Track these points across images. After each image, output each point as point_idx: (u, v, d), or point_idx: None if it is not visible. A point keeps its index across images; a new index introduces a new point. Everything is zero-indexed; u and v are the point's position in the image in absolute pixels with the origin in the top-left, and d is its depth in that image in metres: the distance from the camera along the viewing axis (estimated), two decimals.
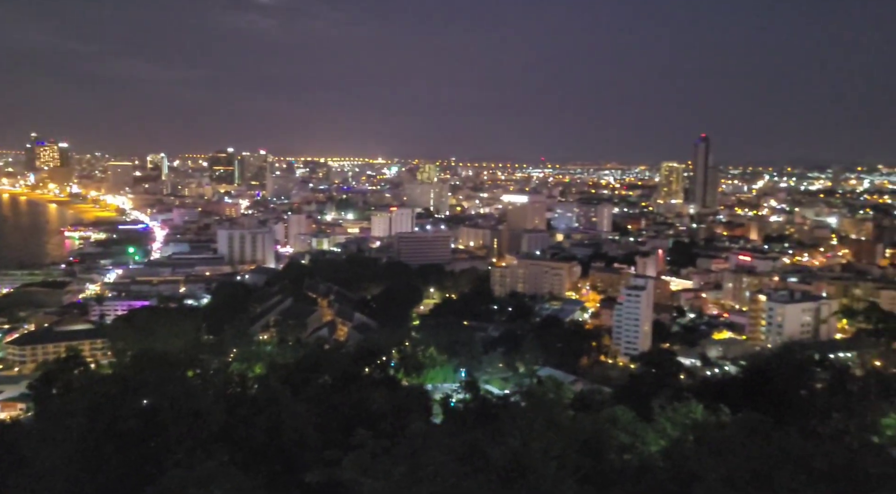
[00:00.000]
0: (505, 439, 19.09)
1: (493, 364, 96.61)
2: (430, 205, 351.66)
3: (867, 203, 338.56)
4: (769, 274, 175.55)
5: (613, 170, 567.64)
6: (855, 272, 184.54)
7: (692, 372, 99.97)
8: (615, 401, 41.16)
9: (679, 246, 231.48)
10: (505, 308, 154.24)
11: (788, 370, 50.04)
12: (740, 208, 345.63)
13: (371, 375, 45.70)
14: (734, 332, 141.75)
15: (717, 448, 16.49)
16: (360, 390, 35.53)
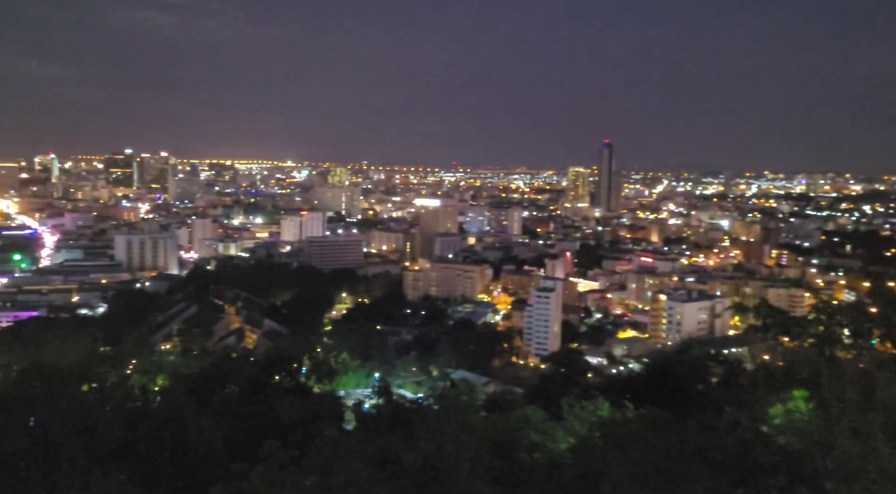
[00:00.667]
0: (418, 443, 19.03)
1: (406, 368, 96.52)
2: (341, 208, 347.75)
3: (755, 207, 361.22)
4: (669, 274, 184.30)
5: (523, 174, 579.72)
6: (745, 271, 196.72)
7: (599, 370, 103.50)
8: (526, 401, 41.90)
9: (586, 248, 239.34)
10: (418, 311, 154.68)
11: (687, 366, 52.55)
12: (642, 211, 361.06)
13: (281, 383, 44.48)
14: (638, 331, 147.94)
15: (622, 444, 17.06)
16: (270, 399, 34.52)
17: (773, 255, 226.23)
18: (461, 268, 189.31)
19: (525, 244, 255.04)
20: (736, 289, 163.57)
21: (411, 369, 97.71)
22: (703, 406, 28.61)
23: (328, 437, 21.28)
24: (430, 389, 49.03)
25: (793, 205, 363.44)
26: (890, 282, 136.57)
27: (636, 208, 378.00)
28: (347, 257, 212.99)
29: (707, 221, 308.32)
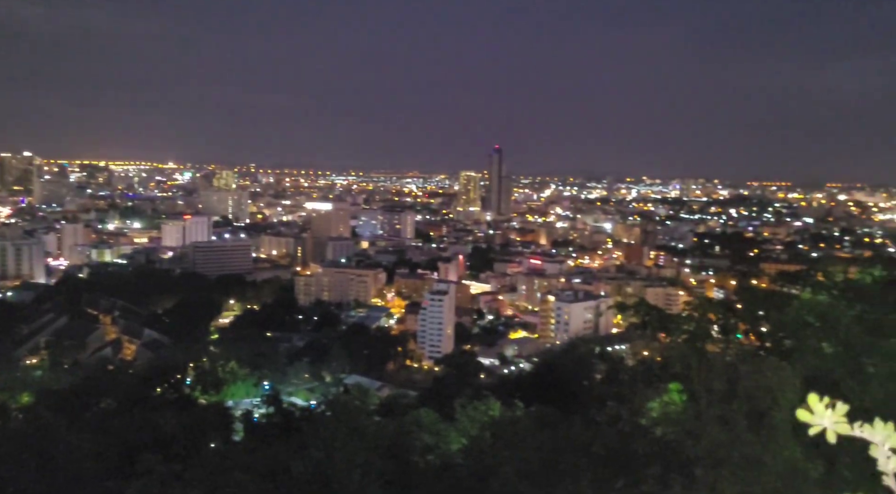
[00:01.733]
0: (308, 451, 18.60)
1: (298, 375, 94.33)
2: (228, 212, 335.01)
3: (635, 210, 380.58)
4: (557, 276, 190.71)
5: (416, 178, 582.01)
6: (627, 272, 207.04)
7: (492, 370, 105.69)
8: (420, 404, 42.03)
9: (478, 251, 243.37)
10: (310, 317, 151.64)
11: (573, 364, 54.74)
12: (531, 215, 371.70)
13: (163, 395, 42.33)
14: (528, 331, 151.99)
15: (511, 442, 17.47)
16: (150, 412, 32.68)
17: (652, 256, 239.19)
18: (354, 273, 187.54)
19: (418, 247, 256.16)
20: (618, 289, 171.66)
21: (303, 376, 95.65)
22: (588, 401, 29.85)
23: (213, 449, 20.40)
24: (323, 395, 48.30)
25: (668, 208, 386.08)
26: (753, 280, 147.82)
27: (525, 212, 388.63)
28: (235, 262, 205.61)
29: (591, 224, 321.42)
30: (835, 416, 0.91)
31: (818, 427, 0.98)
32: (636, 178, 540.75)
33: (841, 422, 0.89)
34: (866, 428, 0.89)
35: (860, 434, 0.91)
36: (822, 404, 0.92)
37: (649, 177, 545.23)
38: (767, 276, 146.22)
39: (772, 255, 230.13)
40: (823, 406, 0.91)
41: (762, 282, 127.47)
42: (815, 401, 0.93)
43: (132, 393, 38.12)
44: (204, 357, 67.98)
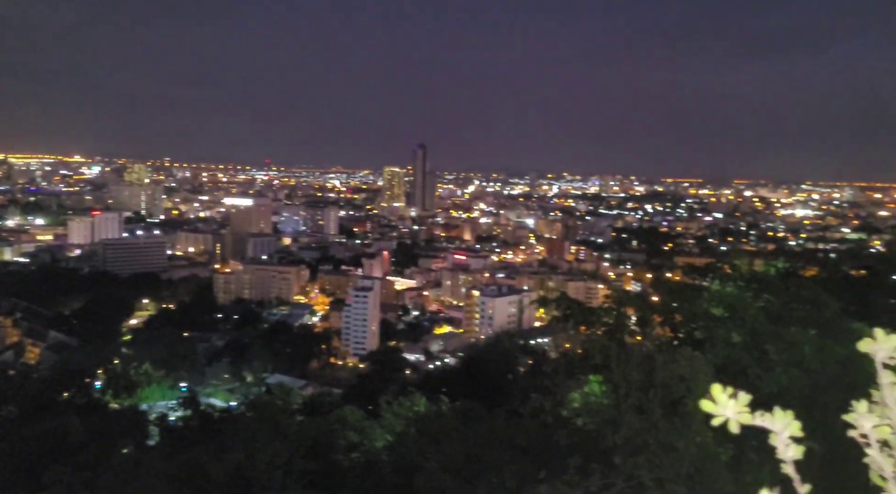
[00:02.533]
0: (227, 454, 18.04)
1: (218, 375, 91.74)
2: (141, 208, 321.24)
3: (556, 206, 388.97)
4: (481, 271, 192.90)
5: (339, 173, 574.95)
6: (549, 266, 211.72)
7: (417, 366, 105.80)
8: (345, 402, 41.63)
9: (402, 247, 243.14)
10: (230, 316, 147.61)
11: (498, 358, 55.43)
12: (455, 211, 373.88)
13: (71, 400, 40.16)
14: (453, 326, 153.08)
15: (436, 437, 17.48)
16: (57, 418, 30.94)
17: (573, 251, 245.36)
18: (276, 270, 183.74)
19: (342, 244, 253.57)
20: (541, 283, 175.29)
21: (223, 376, 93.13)
22: (512, 394, 30.28)
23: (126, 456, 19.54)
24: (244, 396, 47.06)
25: (588, 204, 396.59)
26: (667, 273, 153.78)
27: (450, 207, 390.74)
28: (149, 260, 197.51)
29: (515, 220, 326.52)
30: (737, 406, 1.15)
31: (722, 417, 1.00)
32: (557, 175, 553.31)
33: (743, 412, 0.91)
34: (767, 417, 0.90)
35: (761, 424, 0.92)
36: (725, 394, 0.92)
37: (570, 173, 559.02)
38: (680, 269, 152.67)
39: (685, 249, 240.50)
40: (727, 396, 0.92)
41: (676, 275, 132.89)
42: (718, 392, 1.15)
43: (36, 399, 36.01)
44: (115, 359, 64.98)
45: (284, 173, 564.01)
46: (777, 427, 0.92)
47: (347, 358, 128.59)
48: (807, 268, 43.41)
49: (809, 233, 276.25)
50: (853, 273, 38.50)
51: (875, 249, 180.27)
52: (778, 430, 0.94)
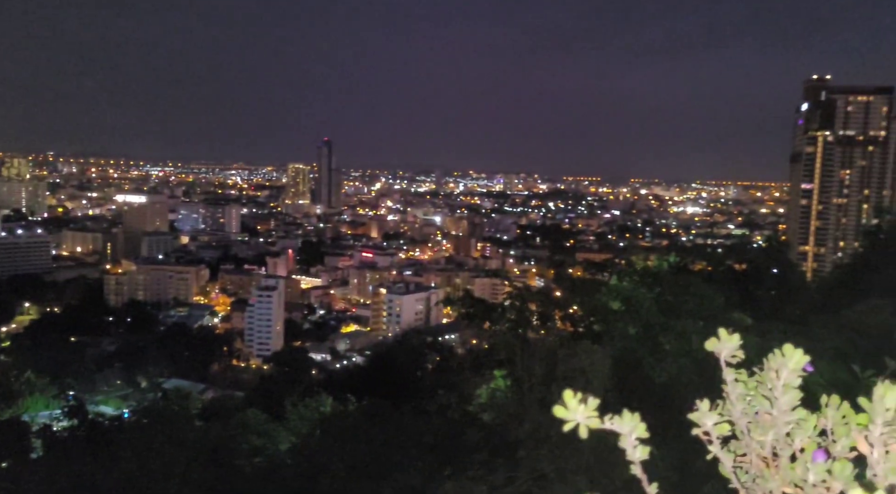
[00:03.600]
0: (119, 464, 17.07)
1: (109, 382, 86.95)
2: (21, 205, 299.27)
3: (463, 203, 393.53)
4: (388, 268, 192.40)
5: (240, 170, 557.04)
6: (456, 263, 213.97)
7: (323, 366, 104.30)
8: (247, 405, 40.40)
9: (308, 245, 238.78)
10: (123, 319, 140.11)
11: (406, 355, 55.50)
12: (362, 208, 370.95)
13: None
14: (360, 324, 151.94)
15: (342, 437, 17.24)
16: None
17: (479, 248, 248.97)
18: (173, 270, 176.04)
19: (245, 242, 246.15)
20: (448, 280, 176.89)
21: (115, 382, 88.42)
22: (419, 392, 30.37)
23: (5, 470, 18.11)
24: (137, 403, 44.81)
25: (493, 202, 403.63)
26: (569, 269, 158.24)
27: (356, 205, 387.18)
28: (31, 261, 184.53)
29: (421, 217, 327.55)
30: (587, 411, 0.93)
31: (572, 423, 0.99)
32: (463, 172, 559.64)
33: (592, 417, 0.89)
34: (616, 420, 0.89)
35: (610, 427, 0.92)
36: (575, 399, 0.91)
37: (475, 171, 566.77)
38: (581, 265, 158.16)
39: (585, 245, 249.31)
40: (577, 401, 0.90)
41: (577, 271, 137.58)
42: (569, 397, 0.93)
43: None
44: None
45: (182, 169, 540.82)
46: (625, 429, 0.93)
47: (251, 359, 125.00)
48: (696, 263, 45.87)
49: (699, 229, 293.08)
50: (737, 266, 40.90)
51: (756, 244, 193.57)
52: (626, 432, 0.95)
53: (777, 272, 39.45)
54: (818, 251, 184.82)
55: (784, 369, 1.07)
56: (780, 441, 1.03)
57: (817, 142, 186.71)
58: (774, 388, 1.06)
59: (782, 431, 1.04)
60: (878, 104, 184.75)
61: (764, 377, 1.11)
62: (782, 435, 1.05)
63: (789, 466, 1.07)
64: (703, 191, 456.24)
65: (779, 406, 1.05)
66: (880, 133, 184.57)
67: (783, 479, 1.07)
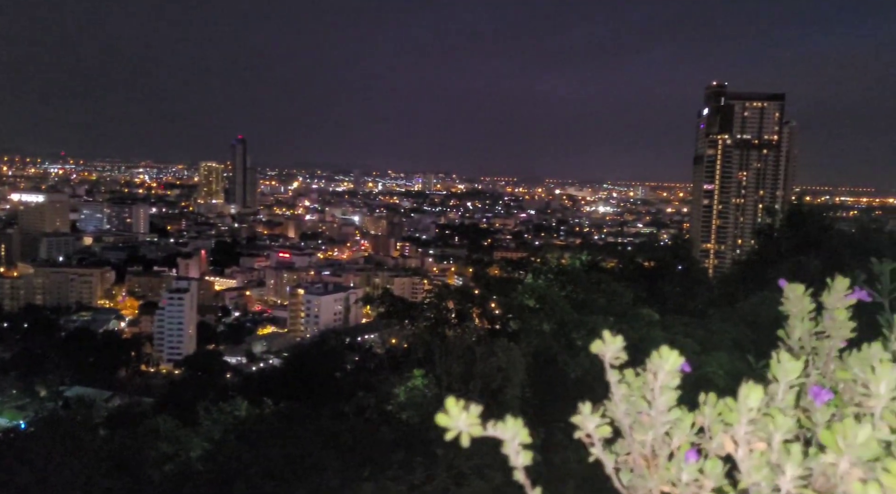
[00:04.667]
0: (14, 478, 16.08)
1: (4, 391, 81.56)
2: None
3: (382, 203, 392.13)
4: (306, 269, 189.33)
5: (148, 168, 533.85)
6: (375, 263, 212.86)
7: (239, 369, 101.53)
8: (157, 411, 38.89)
9: (222, 245, 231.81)
10: (19, 324, 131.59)
11: (324, 356, 54.73)
12: (279, 208, 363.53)
13: None
14: (277, 326, 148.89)
15: (257, 441, 16.88)
16: None
17: (398, 247, 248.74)
18: (75, 272, 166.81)
19: (154, 243, 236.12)
20: (367, 280, 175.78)
21: (10, 392, 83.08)
22: (338, 393, 30.07)
23: None
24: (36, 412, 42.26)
25: (412, 201, 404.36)
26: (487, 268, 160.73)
27: (273, 204, 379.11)
28: None
29: (340, 217, 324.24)
30: (469, 418, 0.91)
31: (454, 432, 0.97)
32: (382, 172, 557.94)
33: (475, 424, 0.87)
34: (499, 426, 0.88)
35: (493, 434, 0.90)
36: (457, 406, 0.89)
37: (394, 171, 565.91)
38: (498, 264, 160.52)
39: (503, 244, 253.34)
40: (459, 408, 0.89)
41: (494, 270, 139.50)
42: (451, 404, 0.91)
43: None
44: None
45: (84, 166, 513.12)
46: (508, 435, 0.92)
47: (161, 364, 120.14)
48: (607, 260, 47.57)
49: (610, 227, 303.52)
50: (645, 264, 42.69)
51: (663, 242, 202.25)
52: (508, 438, 0.94)
53: (682, 268, 41.45)
54: (719, 248, 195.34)
55: (661, 370, 1.09)
56: (659, 440, 1.06)
57: (717, 145, 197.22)
58: (653, 389, 1.09)
59: (660, 431, 1.07)
60: (772, 110, 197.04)
61: (643, 378, 1.14)
62: (661, 435, 1.08)
63: (666, 465, 1.10)
64: (613, 192, 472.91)
65: (656, 406, 1.08)
66: (773, 137, 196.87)
67: (661, 478, 1.10)
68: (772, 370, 1.09)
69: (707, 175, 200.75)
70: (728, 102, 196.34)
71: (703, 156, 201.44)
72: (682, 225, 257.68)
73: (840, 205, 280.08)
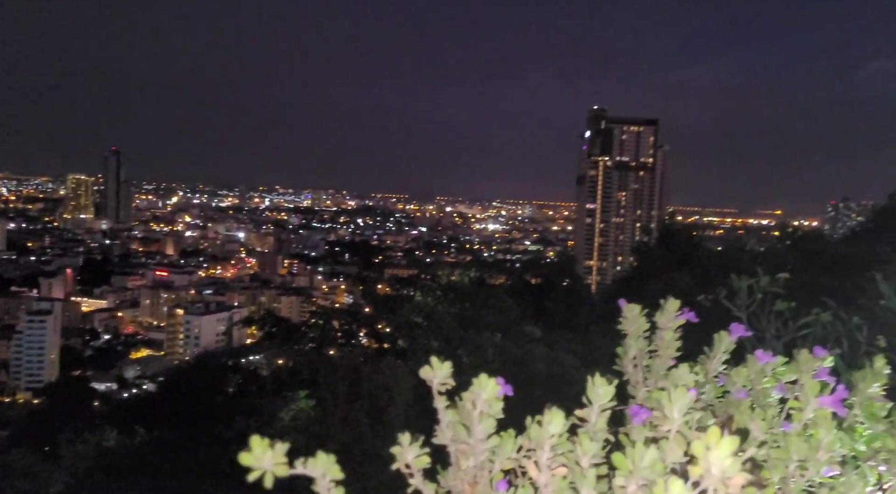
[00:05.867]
0: None
1: None
2: None
3: (269, 219, 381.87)
4: (186, 288, 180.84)
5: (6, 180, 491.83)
6: (261, 281, 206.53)
7: (109, 396, 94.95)
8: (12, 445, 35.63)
9: (92, 264, 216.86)
10: None
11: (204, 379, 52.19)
12: (156, 223, 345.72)
13: None
14: (153, 349, 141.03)
15: (127, 474, 15.71)
16: None
17: (286, 265, 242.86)
18: None
19: (12, 261, 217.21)
20: (253, 299, 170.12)
21: None
22: (218, 418, 28.70)
23: None
24: None
25: (301, 218, 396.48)
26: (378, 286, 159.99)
27: (149, 220, 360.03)
28: None
29: (224, 233, 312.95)
30: (275, 457, 1.05)
31: (258, 472, 1.05)
32: (269, 187, 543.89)
33: (280, 464, 0.87)
34: (309, 463, 0.83)
35: (303, 472, 0.86)
36: (263, 444, 0.82)
37: (282, 186, 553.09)
38: (388, 281, 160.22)
39: (394, 261, 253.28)
40: (264, 447, 0.83)
41: (385, 287, 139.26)
42: (256, 442, 0.84)
43: None
44: None
45: None
46: (318, 472, 0.89)
47: (18, 393, 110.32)
48: (496, 277, 48.62)
49: (499, 245, 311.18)
50: (532, 280, 43.95)
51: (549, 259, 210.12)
52: (318, 476, 0.95)
53: (566, 285, 43.01)
54: (601, 265, 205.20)
55: (479, 399, 1.05)
56: (481, 468, 1.03)
57: (598, 166, 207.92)
58: (471, 417, 1.06)
59: (480, 459, 1.04)
60: (647, 134, 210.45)
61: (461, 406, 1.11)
62: (481, 462, 1.04)
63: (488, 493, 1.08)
64: (502, 210, 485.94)
65: (475, 434, 1.04)
66: (649, 160, 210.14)
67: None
68: (587, 392, 1.07)
69: (590, 194, 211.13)
70: (608, 126, 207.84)
71: (585, 177, 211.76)
72: (568, 242, 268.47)
73: (708, 225, 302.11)
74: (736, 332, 1.55)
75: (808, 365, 1.39)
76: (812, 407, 1.20)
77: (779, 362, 1.46)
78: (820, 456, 1.06)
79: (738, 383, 1.45)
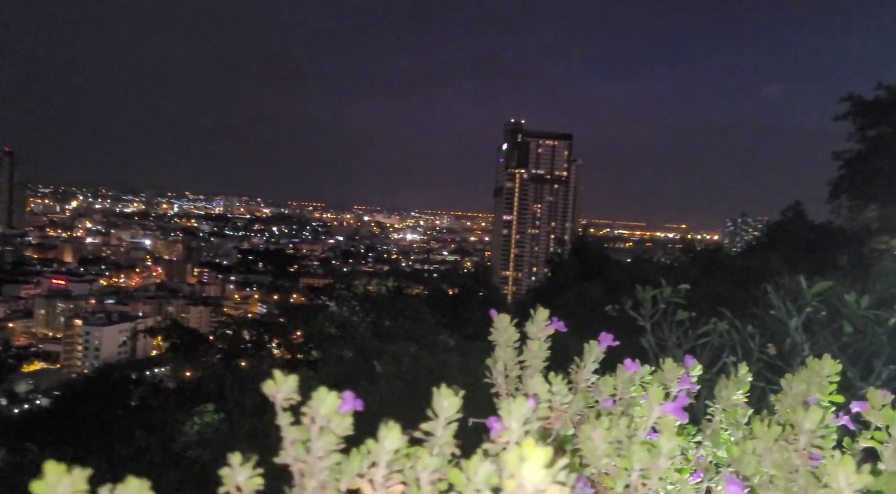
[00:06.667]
0: None
1: None
2: None
3: (178, 226, 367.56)
4: (86, 297, 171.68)
5: None
6: (168, 290, 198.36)
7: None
8: None
9: None
10: None
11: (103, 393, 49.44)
12: (53, 229, 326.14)
13: None
14: (48, 362, 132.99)
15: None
16: None
17: (196, 273, 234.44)
18: None
19: None
20: (159, 309, 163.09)
21: None
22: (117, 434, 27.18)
23: None
24: None
25: (213, 225, 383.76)
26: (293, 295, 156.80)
27: (46, 225, 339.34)
28: None
29: (128, 240, 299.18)
30: (73, 484, 0.73)
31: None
32: (178, 193, 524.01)
33: (80, 491, 0.73)
34: (119, 489, 0.76)
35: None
36: (58, 470, 0.72)
37: (192, 192, 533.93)
38: (303, 291, 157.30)
39: (310, 270, 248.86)
40: (60, 473, 0.74)
41: (300, 297, 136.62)
42: (51, 469, 0.72)
43: None
44: None
45: None
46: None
47: None
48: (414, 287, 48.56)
49: (417, 255, 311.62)
50: (449, 291, 44.18)
51: (467, 269, 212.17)
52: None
53: (483, 295, 43.47)
54: (517, 275, 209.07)
55: (318, 414, 0.99)
56: (324, 487, 0.97)
57: (515, 178, 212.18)
58: (311, 433, 0.99)
59: (321, 477, 0.97)
60: (562, 148, 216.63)
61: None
62: (323, 481, 0.98)
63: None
64: (420, 220, 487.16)
65: (314, 451, 0.98)
66: (563, 173, 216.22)
67: None
68: (432, 405, 1.03)
69: (506, 206, 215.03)
70: (525, 139, 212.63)
71: (502, 189, 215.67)
72: (485, 253, 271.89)
73: (618, 237, 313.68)
74: (605, 342, 1.55)
75: (672, 374, 1.41)
76: (655, 414, 1.21)
77: (646, 371, 1.45)
78: (661, 464, 1.06)
79: (604, 392, 1.45)
